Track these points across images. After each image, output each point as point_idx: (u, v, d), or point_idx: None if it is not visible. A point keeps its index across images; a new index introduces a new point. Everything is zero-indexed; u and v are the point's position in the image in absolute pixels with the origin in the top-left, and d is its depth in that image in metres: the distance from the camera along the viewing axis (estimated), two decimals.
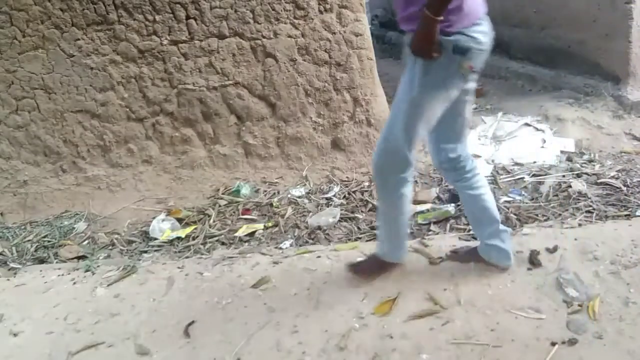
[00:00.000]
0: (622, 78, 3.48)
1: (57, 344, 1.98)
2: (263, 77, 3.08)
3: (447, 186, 2.84)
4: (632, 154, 3.00)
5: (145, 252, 2.62)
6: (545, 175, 2.83)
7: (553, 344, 1.66)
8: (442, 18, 1.54)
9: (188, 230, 2.73)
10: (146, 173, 3.20)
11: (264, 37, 3.00)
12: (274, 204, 2.88)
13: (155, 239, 2.71)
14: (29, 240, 2.83)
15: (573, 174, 2.79)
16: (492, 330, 1.76)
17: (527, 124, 3.38)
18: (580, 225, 2.29)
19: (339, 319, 1.91)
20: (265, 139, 3.18)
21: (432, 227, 2.49)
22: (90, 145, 3.16)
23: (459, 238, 2.30)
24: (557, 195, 2.61)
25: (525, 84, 4.22)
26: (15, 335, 2.07)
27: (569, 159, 2.99)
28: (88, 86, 3.05)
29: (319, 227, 2.61)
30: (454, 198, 2.67)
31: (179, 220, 2.86)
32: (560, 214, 2.43)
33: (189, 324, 1.98)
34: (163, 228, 2.77)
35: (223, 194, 3.07)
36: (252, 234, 2.64)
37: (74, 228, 2.91)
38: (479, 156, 3.11)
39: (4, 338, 2.05)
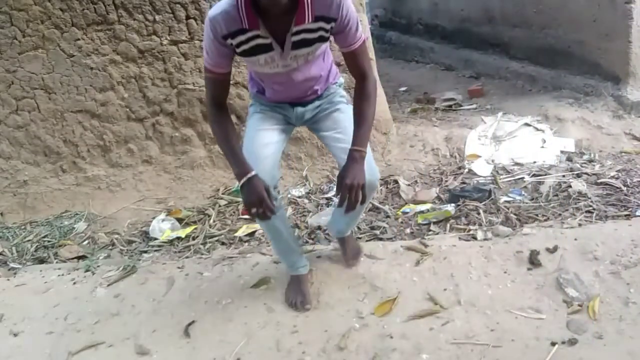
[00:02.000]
0: (622, 78, 3.47)
1: (57, 344, 1.98)
2: None
3: (447, 186, 2.84)
4: (632, 154, 2.99)
5: (145, 252, 2.62)
6: (545, 175, 2.83)
7: (553, 344, 1.66)
8: None
9: (188, 230, 2.73)
10: (146, 173, 3.20)
11: None
12: None
13: (155, 239, 2.71)
14: (29, 240, 2.83)
15: (573, 174, 2.79)
16: (492, 330, 1.76)
17: (527, 124, 3.38)
18: (580, 225, 2.29)
19: (339, 319, 1.91)
20: None
21: (432, 227, 2.49)
22: (90, 145, 3.16)
23: (459, 238, 2.30)
24: (557, 195, 2.61)
25: (525, 84, 4.21)
26: (15, 335, 2.07)
27: (569, 159, 2.99)
28: (88, 86, 3.05)
29: (319, 227, 2.61)
30: (454, 198, 2.67)
31: (179, 220, 2.86)
32: (560, 214, 2.43)
33: (189, 324, 1.98)
34: (163, 228, 2.77)
35: (223, 194, 3.06)
36: (252, 234, 2.64)
37: (74, 228, 2.91)
38: (479, 156, 3.11)
39: (4, 338, 2.05)
